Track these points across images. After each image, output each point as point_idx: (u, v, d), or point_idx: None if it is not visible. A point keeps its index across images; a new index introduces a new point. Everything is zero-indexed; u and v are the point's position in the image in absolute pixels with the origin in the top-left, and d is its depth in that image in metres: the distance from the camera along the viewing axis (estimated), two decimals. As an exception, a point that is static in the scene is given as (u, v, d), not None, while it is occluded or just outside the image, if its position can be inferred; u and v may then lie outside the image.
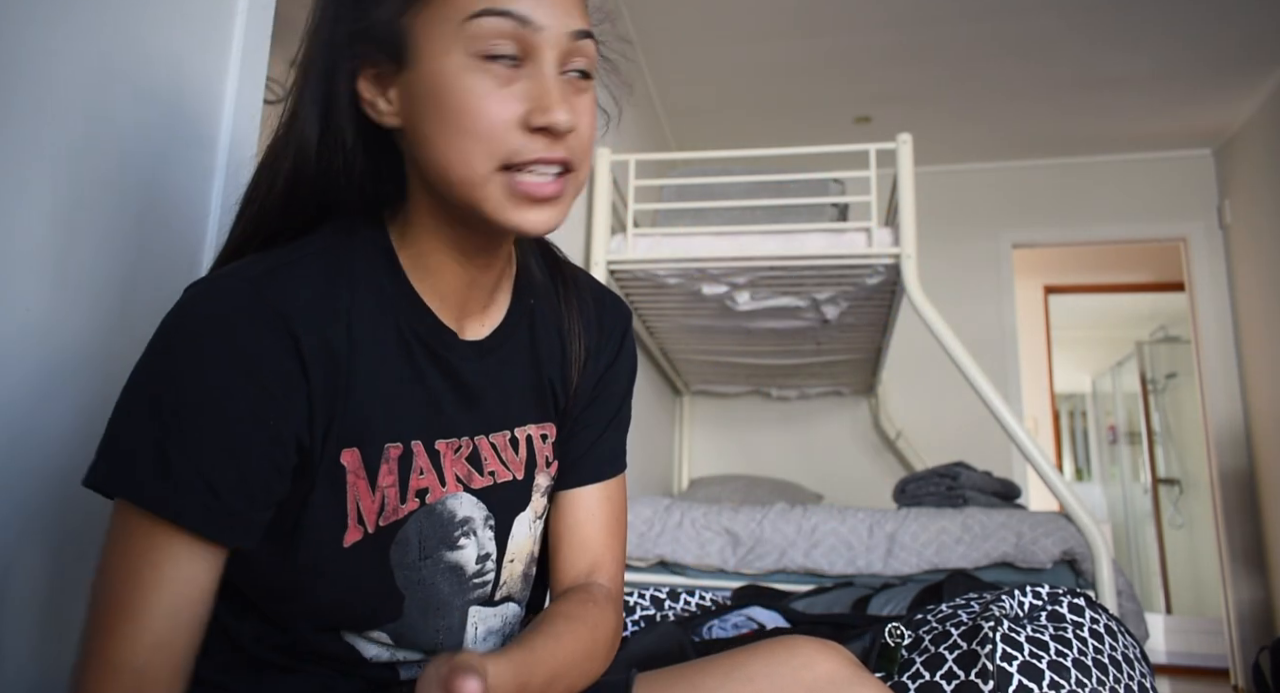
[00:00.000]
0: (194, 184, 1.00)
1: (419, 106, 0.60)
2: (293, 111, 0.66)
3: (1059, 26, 3.10)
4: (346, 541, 0.62)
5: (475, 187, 0.59)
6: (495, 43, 0.58)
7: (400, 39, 0.60)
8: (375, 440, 0.63)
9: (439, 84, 0.58)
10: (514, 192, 0.59)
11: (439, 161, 0.60)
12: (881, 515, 2.18)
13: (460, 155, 0.58)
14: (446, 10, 0.58)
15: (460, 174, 0.59)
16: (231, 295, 0.58)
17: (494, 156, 0.58)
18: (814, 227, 2.34)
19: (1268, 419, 3.56)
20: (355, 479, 0.62)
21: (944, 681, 0.77)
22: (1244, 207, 3.77)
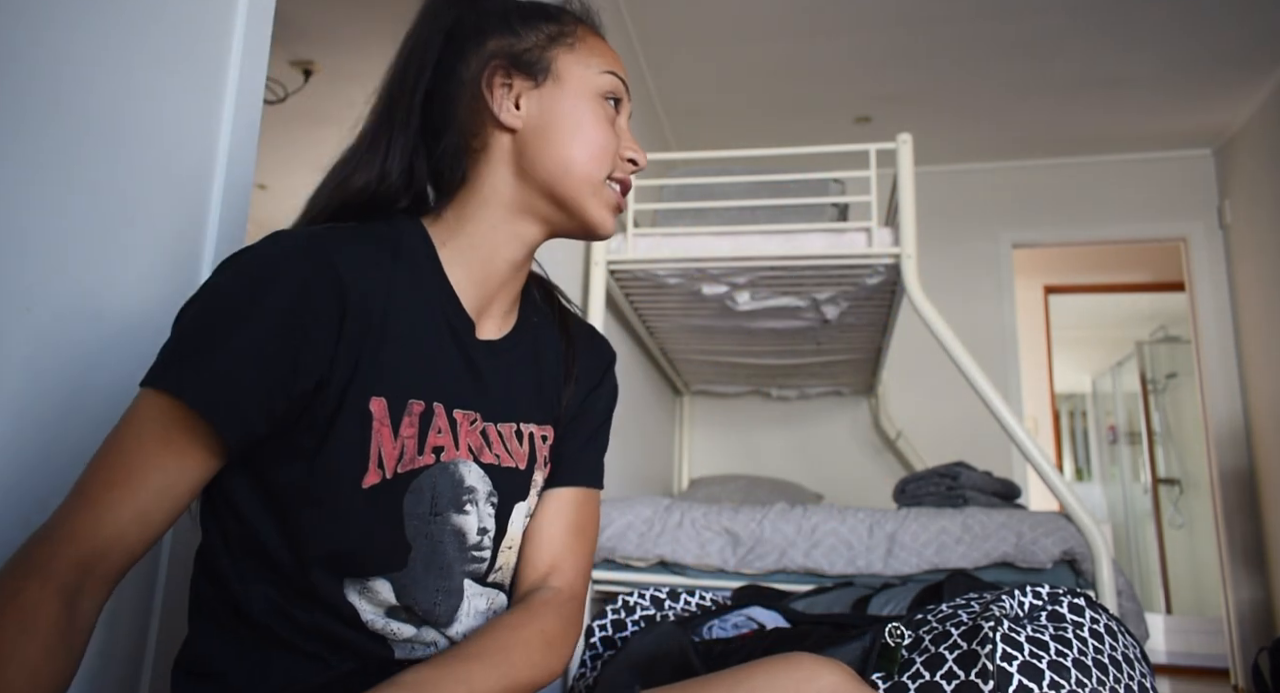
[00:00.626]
0: (194, 184, 1.00)
1: (553, 117, 0.76)
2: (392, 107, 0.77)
3: (1059, 26, 3.10)
4: (365, 482, 0.67)
5: (591, 184, 0.76)
6: (614, 92, 0.79)
7: (546, 65, 0.77)
8: (401, 394, 0.69)
9: (576, 105, 0.76)
10: (609, 199, 0.79)
11: (563, 159, 0.75)
12: (881, 515, 2.18)
13: (588, 156, 0.76)
14: (587, 58, 0.78)
15: (580, 172, 0.76)
16: (290, 241, 0.67)
17: (605, 167, 0.77)
18: (814, 227, 2.34)
19: (1268, 419, 3.56)
20: (380, 426, 0.67)
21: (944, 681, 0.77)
22: (1244, 207, 3.77)
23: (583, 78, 0.77)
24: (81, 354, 0.84)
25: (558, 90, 0.76)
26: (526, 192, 0.76)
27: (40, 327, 0.79)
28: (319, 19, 3.21)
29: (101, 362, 0.86)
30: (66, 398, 0.82)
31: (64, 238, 0.82)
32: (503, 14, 0.78)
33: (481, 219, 0.76)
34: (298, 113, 3.81)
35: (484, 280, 0.77)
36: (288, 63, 3.48)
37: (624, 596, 1.40)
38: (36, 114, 0.79)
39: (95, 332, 0.86)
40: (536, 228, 0.78)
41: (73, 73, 0.82)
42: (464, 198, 0.77)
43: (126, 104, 0.89)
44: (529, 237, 0.78)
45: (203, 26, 1.01)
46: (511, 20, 0.78)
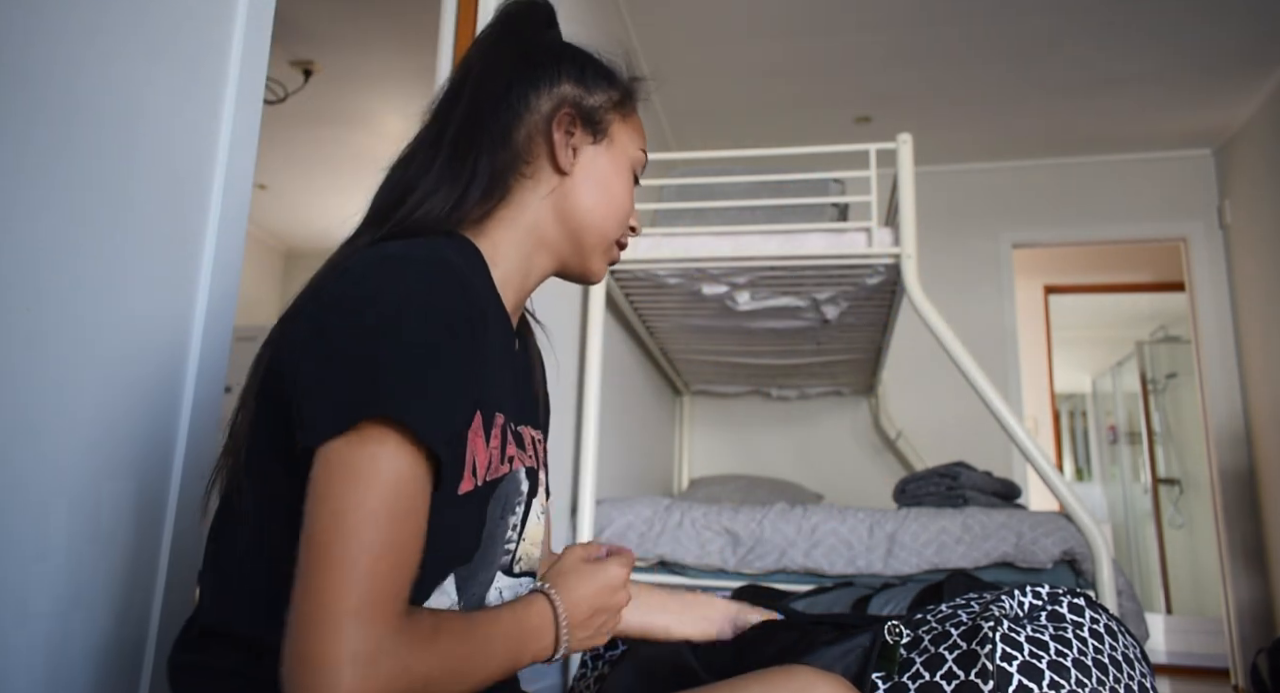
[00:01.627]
0: (194, 184, 1.00)
1: (598, 175, 0.84)
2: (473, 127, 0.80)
3: (1059, 27, 3.10)
4: (461, 489, 0.69)
5: (603, 241, 0.86)
6: (640, 167, 0.89)
7: (606, 126, 0.85)
8: (490, 407, 0.73)
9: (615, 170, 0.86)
10: (611, 256, 0.89)
11: (589, 212, 0.84)
12: (882, 515, 2.17)
13: (610, 219, 0.86)
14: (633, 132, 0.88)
15: (600, 226, 0.85)
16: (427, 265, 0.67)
17: (620, 230, 0.87)
18: (814, 227, 2.34)
19: (1268, 419, 3.56)
20: (474, 437, 0.70)
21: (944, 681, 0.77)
22: (1244, 206, 3.77)
23: (625, 149, 0.87)
24: (82, 353, 0.84)
25: (608, 152, 0.85)
26: (557, 229, 0.83)
27: (40, 326, 0.79)
28: (319, 19, 3.21)
29: (102, 361, 0.86)
30: (66, 397, 0.82)
31: (64, 237, 0.82)
32: (580, 64, 0.85)
33: (517, 243, 0.82)
34: (298, 113, 3.81)
35: (517, 296, 0.83)
36: (288, 63, 3.48)
37: (624, 596, 1.40)
38: (35, 113, 0.79)
39: (95, 331, 0.86)
40: (550, 261, 0.85)
41: (71, 72, 0.82)
42: (505, 217, 0.81)
43: (126, 104, 0.89)
44: (545, 266, 0.85)
45: (203, 26, 1.01)
46: (587, 74, 0.84)
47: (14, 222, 0.76)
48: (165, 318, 0.95)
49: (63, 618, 0.82)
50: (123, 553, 0.90)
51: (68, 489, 0.82)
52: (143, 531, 0.92)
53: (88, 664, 0.85)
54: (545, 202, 0.82)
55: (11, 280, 0.76)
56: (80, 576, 0.84)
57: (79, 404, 0.83)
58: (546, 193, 0.82)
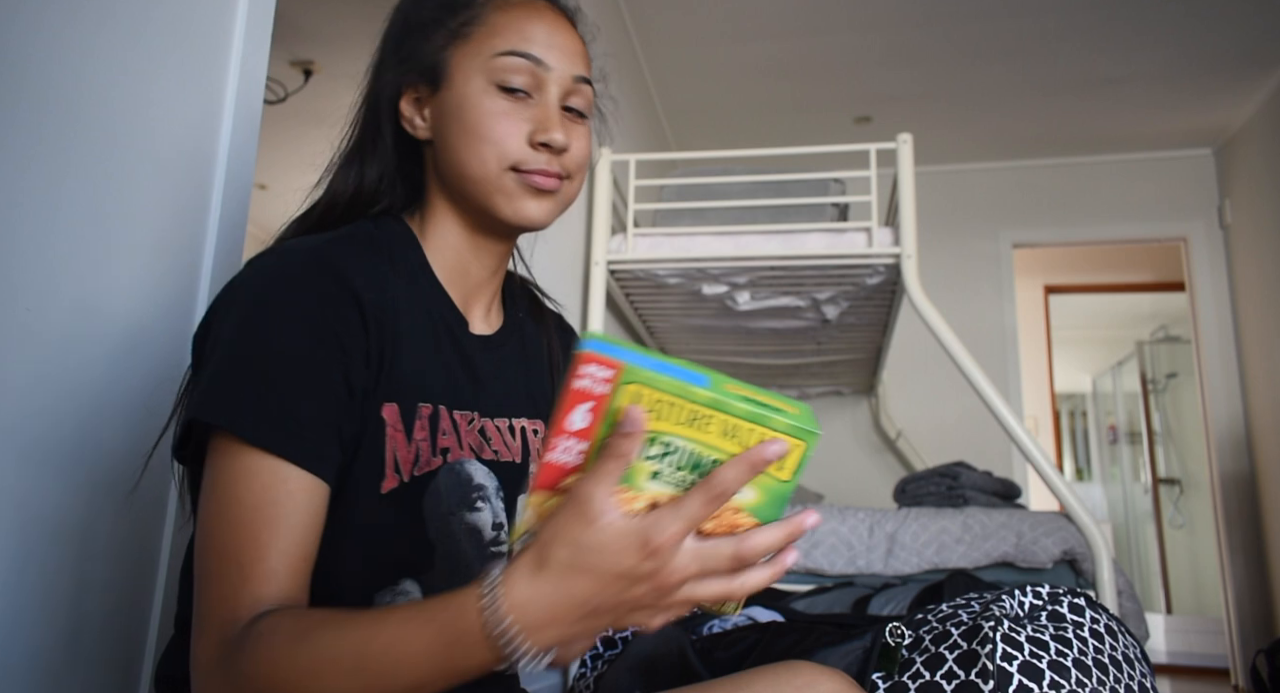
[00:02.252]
0: (194, 184, 1.00)
1: (448, 121, 0.74)
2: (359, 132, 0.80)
3: (1059, 26, 3.10)
4: (384, 488, 0.67)
5: (489, 180, 0.72)
6: (514, 77, 0.73)
7: (441, 68, 0.74)
8: (411, 398, 0.70)
9: (464, 102, 0.73)
10: (522, 183, 0.73)
11: (459, 163, 0.73)
12: (882, 515, 2.17)
13: (478, 157, 0.72)
14: (480, 47, 0.73)
15: (476, 172, 0.72)
16: (300, 259, 0.66)
17: (504, 160, 0.72)
18: (814, 226, 2.34)
19: (1268, 419, 3.56)
20: (393, 432, 0.68)
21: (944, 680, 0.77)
22: (1244, 206, 3.77)
23: (470, 73, 0.73)
24: (82, 354, 0.84)
25: (449, 93, 0.74)
26: (451, 198, 0.77)
27: (41, 327, 0.79)
28: (319, 19, 3.21)
29: (102, 361, 0.86)
30: (66, 397, 0.82)
31: (64, 238, 0.82)
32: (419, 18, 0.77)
33: (439, 223, 0.78)
34: (298, 113, 3.81)
35: (462, 279, 0.78)
36: (288, 63, 3.48)
37: (624, 596, 1.40)
38: (34, 114, 0.79)
39: (96, 331, 0.86)
40: (469, 228, 0.78)
41: (71, 73, 0.82)
42: (426, 201, 0.79)
43: (126, 103, 0.89)
44: (468, 236, 0.78)
45: (203, 26, 1.01)
46: (425, 23, 0.76)
47: (14, 221, 0.76)
48: (166, 318, 0.95)
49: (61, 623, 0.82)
50: (120, 558, 0.90)
51: (68, 489, 0.82)
52: (140, 536, 0.92)
53: (85, 667, 0.85)
54: (432, 175, 0.78)
55: (12, 280, 0.76)
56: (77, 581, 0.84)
57: (79, 405, 0.83)
58: (432, 166, 0.78)
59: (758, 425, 0.50)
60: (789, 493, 0.53)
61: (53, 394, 0.81)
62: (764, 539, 0.51)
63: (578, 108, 0.76)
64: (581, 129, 0.77)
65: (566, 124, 0.75)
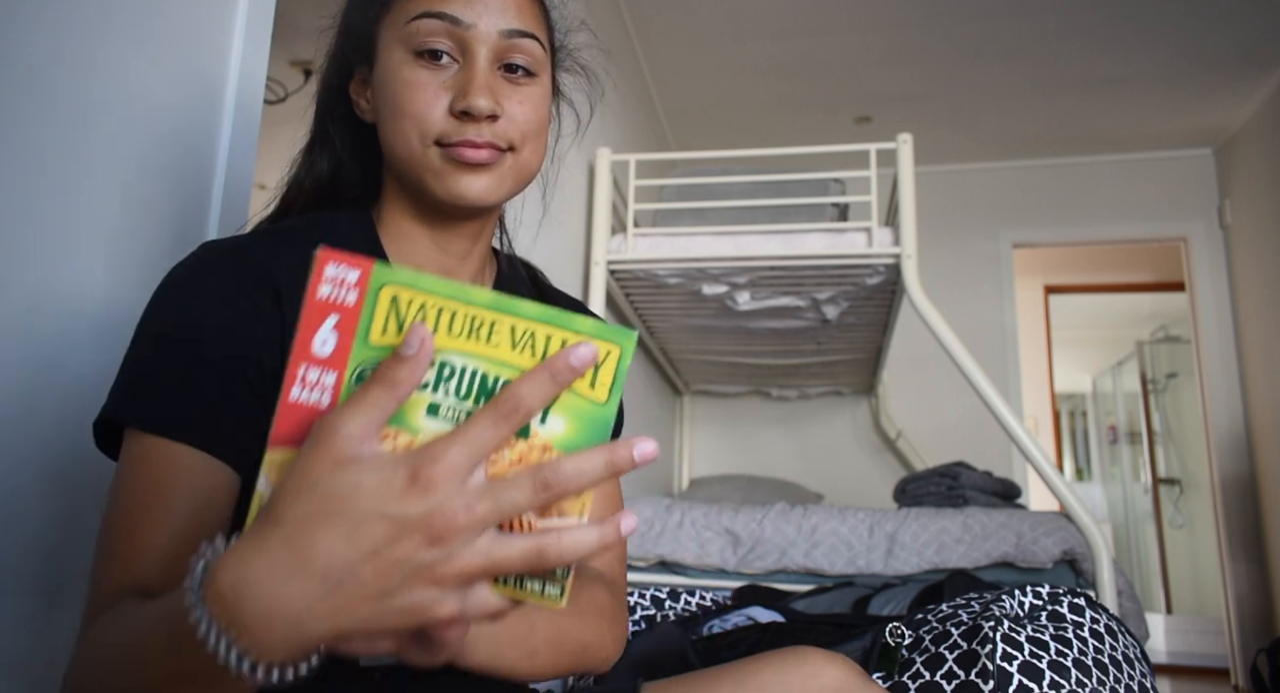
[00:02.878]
0: (194, 184, 1.00)
1: (377, 98, 0.70)
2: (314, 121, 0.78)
3: (1059, 26, 3.10)
4: None
5: (415, 158, 0.67)
6: (429, 40, 0.66)
7: (371, 42, 0.70)
8: None
9: (386, 77, 0.68)
10: (448, 158, 0.66)
11: (388, 143, 0.68)
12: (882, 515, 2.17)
13: (401, 134, 0.67)
14: (397, 15, 0.68)
15: (402, 151, 0.67)
16: (223, 248, 0.65)
17: (426, 135, 0.66)
18: (814, 226, 2.34)
19: (1268, 419, 3.56)
20: None
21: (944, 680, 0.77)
22: (1244, 206, 3.77)
23: (390, 44, 0.68)
24: (82, 353, 0.84)
25: (379, 68, 0.69)
26: (397, 181, 0.72)
27: (41, 327, 0.79)
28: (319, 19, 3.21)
29: (102, 361, 0.86)
30: (64, 398, 0.82)
31: (64, 238, 0.82)
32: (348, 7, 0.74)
33: (392, 209, 0.74)
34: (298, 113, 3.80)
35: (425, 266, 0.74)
36: (288, 63, 3.48)
37: (624, 596, 1.40)
38: (34, 114, 0.79)
39: (96, 331, 0.86)
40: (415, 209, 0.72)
41: (71, 72, 0.82)
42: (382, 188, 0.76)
43: (126, 103, 0.89)
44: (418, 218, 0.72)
45: (203, 26, 1.01)
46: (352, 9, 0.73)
47: (14, 222, 0.76)
48: (165, 318, 0.95)
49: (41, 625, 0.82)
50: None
51: (68, 489, 0.82)
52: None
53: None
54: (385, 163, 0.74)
55: (12, 281, 0.76)
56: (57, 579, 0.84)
57: (79, 405, 0.83)
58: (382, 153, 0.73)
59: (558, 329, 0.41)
60: (609, 420, 0.41)
61: (52, 393, 0.81)
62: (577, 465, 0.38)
63: (521, 64, 0.68)
64: (527, 90, 0.69)
65: (501, 86, 0.67)
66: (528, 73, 0.69)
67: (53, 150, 0.80)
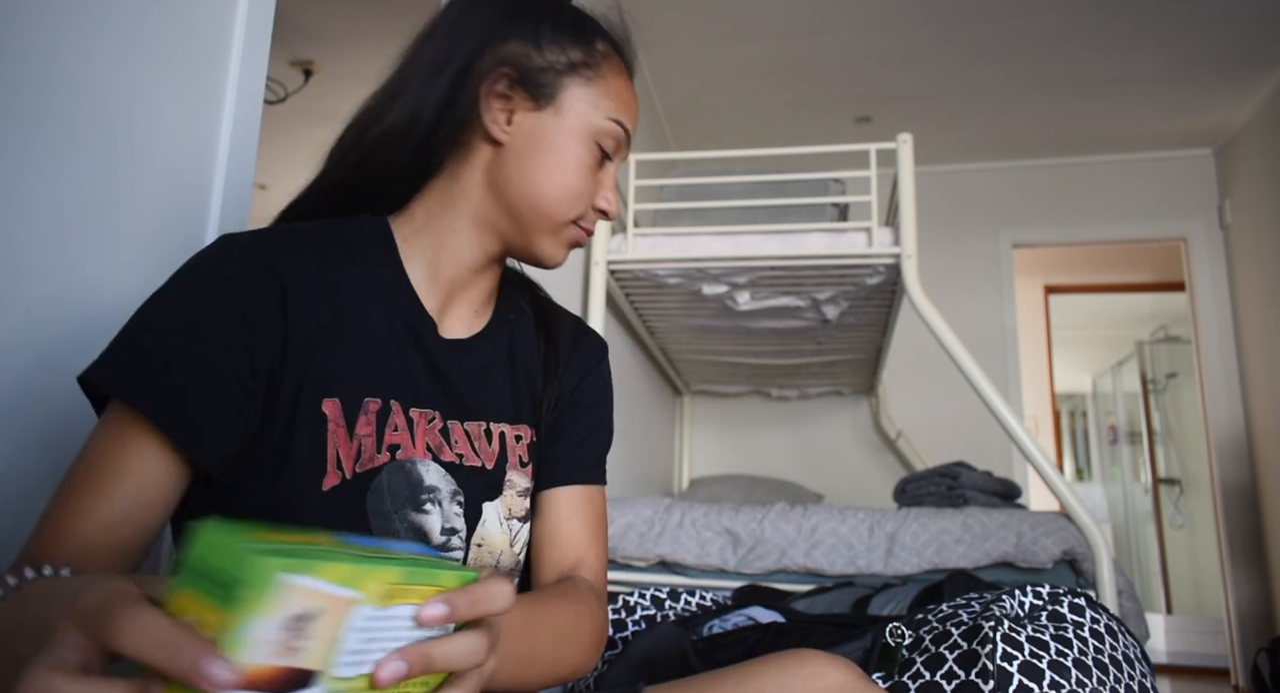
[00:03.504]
0: (194, 184, 1.00)
1: (537, 145, 0.74)
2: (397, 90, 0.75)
3: (1059, 26, 3.10)
4: (325, 485, 0.66)
5: (548, 221, 0.75)
6: (612, 145, 0.77)
7: (552, 93, 0.74)
8: (356, 394, 0.69)
9: (559, 139, 0.74)
10: (567, 239, 0.77)
11: (531, 191, 0.74)
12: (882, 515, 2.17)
13: (554, 197, 0.74)
14: (599, 98, 0.75)
15: (544, 207, 0.74)
16: (232, 245, 0.67)
17: (573, 211, 0.75)
18: (814, 226, 2.34)
19: (1268, 419, 3.56)
20: (335, 427, 0.67)
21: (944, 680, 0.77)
22: (1245, 206, 3.77)
23: (584, 117, 0.75)
24: (82, 353, 0.84)
25: (554, 120, 0.74)
26: (492, 206, 0.75)
27: (41, 327, 0.79)
28: (319, 19, 3.21)
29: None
30: (67, 399, 0.82)
31: (64, 238, 0.82)
32: (536, 19, 0.75)
33: (446, 221, 0.75)
34: (298, 113, 3.81)
35: (445, 279, 0.76)
36: (288, 63, 3.48)
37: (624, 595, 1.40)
38: (35, 114, 0.79)
39: (96, 331, 0.86)
40: (494, 241, 0.77)
41: (71, 72, 0.82)
42: (435, 195, 0.76)
43: (126, 104, 0.89)
44: (487, 246, 0.77)
45: (203, 26, 1.01)
46: (541, 30, 0.74)
47: (13, 222, 0.76)
48: (165, 318, 0.95)
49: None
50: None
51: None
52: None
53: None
54: (477, 173, 0.75)
55: (11, 281, 0.76)
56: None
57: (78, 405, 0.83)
58: (479, 164, 0.74)
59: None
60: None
61: (52, 391, 0.81)
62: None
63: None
64: None
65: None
66: None
67: (52, 150, 0.80)
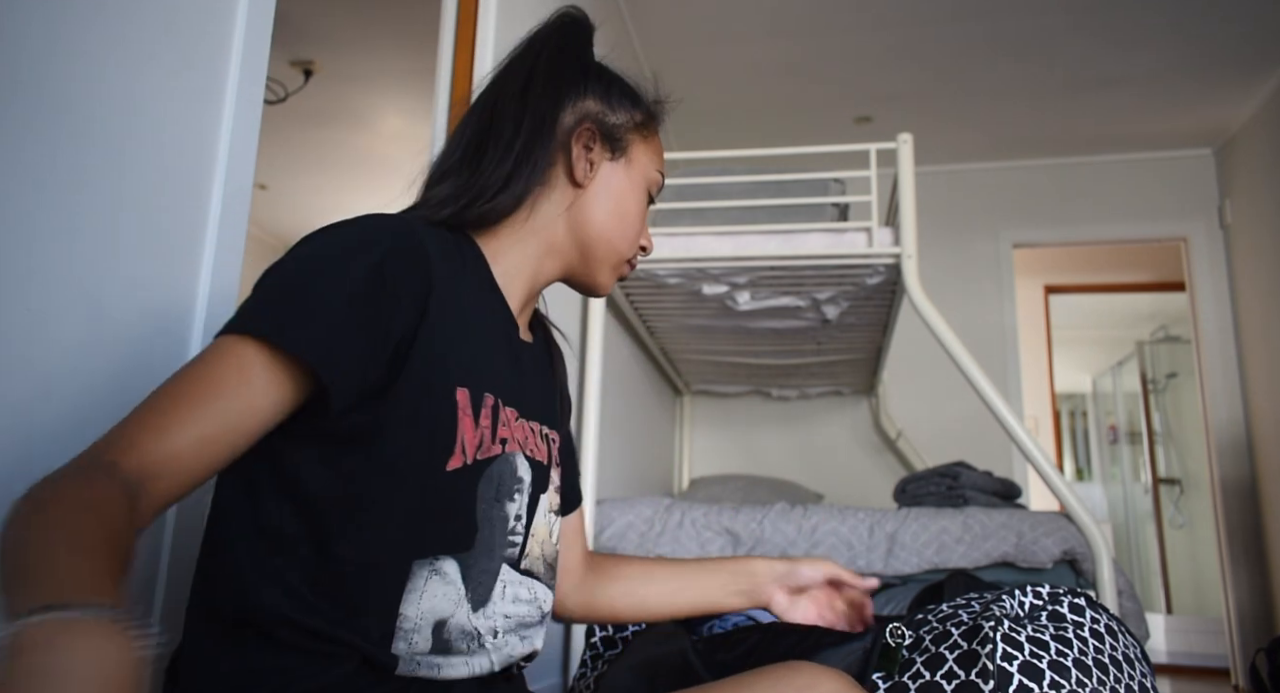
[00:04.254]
0: (194, 184, 1.00)
1: (608, 191, 0.86)
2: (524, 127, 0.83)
3: (1059, 26, 3.10)
4: (450, 466, 0.70)
5: (611, 258, 0.88)
6: (655, 191, 0.92)
7: (626, 145, 0.88)
8: (479, 387, 0.74)
9: (626, 189, 0.88)
10: (620, 272, 0.91)
11: (601, 232, 0.86)
12: (882, 515, 2.17)
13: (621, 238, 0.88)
14: (652, 154, 0.91)
15: (613, 244, 0.87)
16: (398, 222, 0.73)
17: (629, 250, 0.90)
18: (814, 226, 2.34)
19: (1268, 419, 3.56)
20: (463, 415, 0.72)
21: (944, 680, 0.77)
22: (1245, 206, 3.77)
23: (644, 169, 0.89)
24: (81, 353, 0.84)
25: (625, 170, 0.87)
26: (568, 239, 0.86)
27: (41, 326, 0.79)
28: (319, 19, 3.21)
29: (101, 360, 0.86)
30: (67, 396, 0.82)
31: (63, 237, 0.82)
32: (606, 82, 0.89)
33: (528, 245, 0.84)
34: (298, 113, 3.81)
35: (518, 295, 0.85)
36: (288, 63, 3.48)
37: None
38: (34, 114, 0.79)
39: (95, 331, 0.86)
40: (559, 267, 0.87)
41: (71, 72, 0.82)
42: (519, 220, 0.84)
43: (126, 103, 0.89)
44: (553, 271, 0.88)
45: (203, 26, 1.01)
46: (612, 92, 0.88)
47: (13, 222, 0.76)
48: (165, 319, 0.95)
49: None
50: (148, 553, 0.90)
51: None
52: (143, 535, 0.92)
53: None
54: (560, 212, 0.85)
55: (11, 281, 0.76)
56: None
57: (78, 405, 0.83)
58: (562, 203, 0.85)
59: None
60: None
61: (52, 394, 0.81)
62: None
63: None
64: None
65: None
66: None
67: (52, 151, 0.80)
